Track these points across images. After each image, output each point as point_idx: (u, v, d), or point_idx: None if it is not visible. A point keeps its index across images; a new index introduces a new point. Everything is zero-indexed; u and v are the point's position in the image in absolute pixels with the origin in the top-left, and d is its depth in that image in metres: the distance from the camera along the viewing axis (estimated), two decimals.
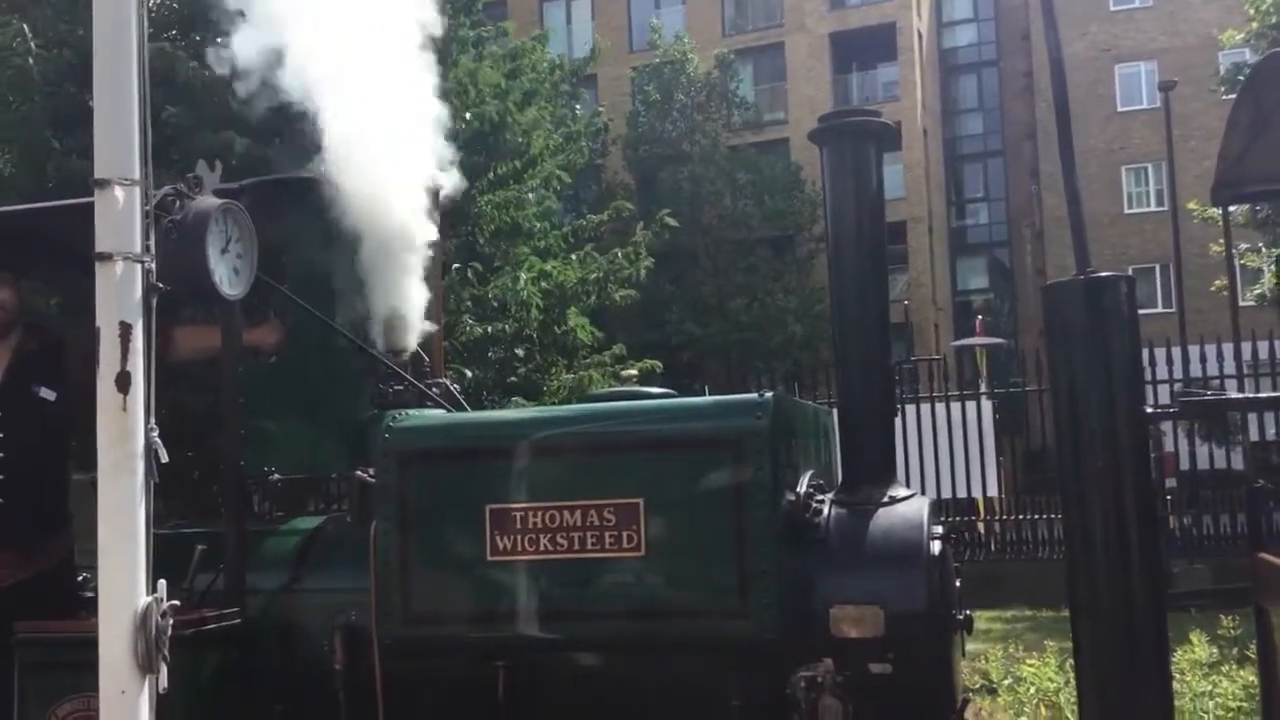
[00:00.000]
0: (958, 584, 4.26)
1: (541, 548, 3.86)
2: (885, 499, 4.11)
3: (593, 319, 15.60)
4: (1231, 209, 17.42)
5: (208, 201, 3.28)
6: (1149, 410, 2.48)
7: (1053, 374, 2.56)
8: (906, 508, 4.09)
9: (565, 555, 3.84)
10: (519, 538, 3.88)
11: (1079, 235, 2.59)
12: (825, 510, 4.05)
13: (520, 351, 14.13)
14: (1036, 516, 16.01)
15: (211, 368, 4.50)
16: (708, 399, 4.31)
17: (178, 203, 3.22)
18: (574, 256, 15.22)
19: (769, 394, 3.92)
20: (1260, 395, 4.76)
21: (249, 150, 10.40)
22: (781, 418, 3.88)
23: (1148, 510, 2.45)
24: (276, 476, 4.69)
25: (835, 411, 4.42)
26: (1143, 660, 2.39)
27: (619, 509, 3.81)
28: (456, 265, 12.53)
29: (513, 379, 14.08)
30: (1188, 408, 2.61)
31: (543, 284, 14.11)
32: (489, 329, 13.21)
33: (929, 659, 3.83)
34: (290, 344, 4.78)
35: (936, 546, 3.98)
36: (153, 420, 2.76)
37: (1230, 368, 12.81)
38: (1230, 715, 6.12)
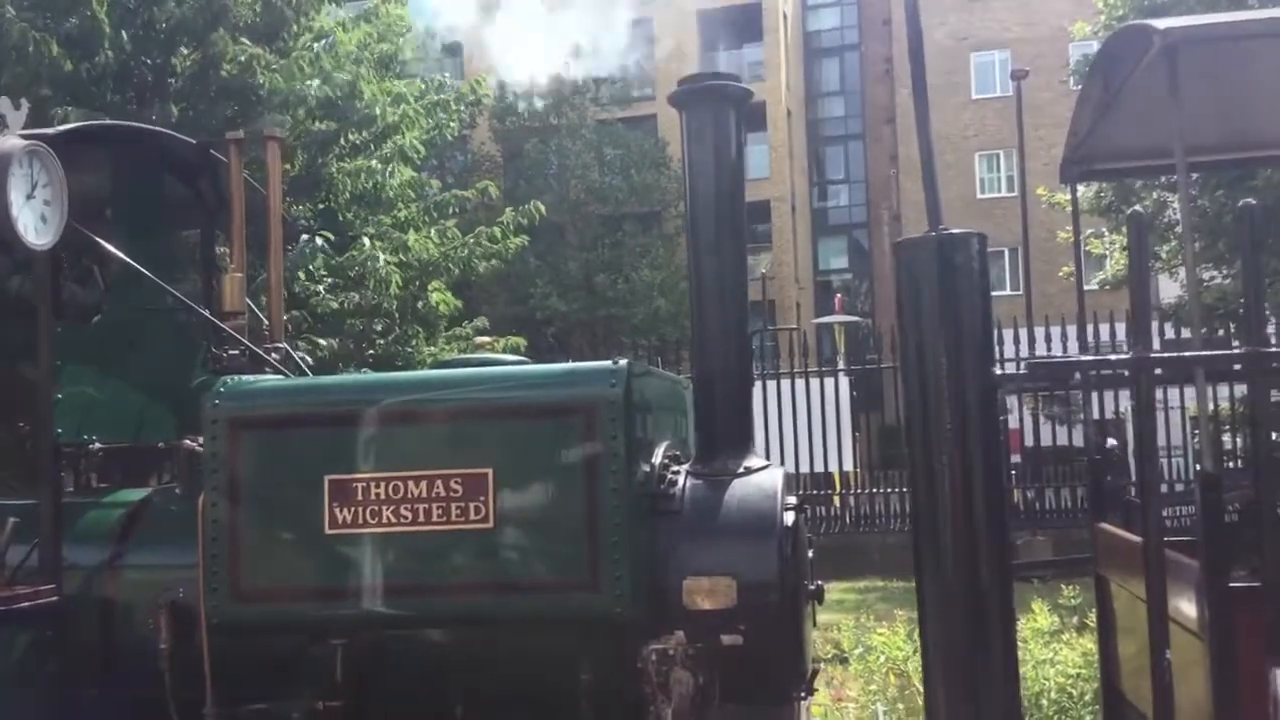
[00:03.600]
0: (810, 555, 4.24)
1: (385, 520, 3.68)
2: (740, 470, 4.05)
3: (455, 292, 15.27)
4: (1078, 191, 18.07)
5: (10, 142, 3.00)
6: (998, 374, 2.45)
7: (902, 332, 2.51)
8: (761, 479, 4.04)
9: (410, 528, 3.67)
10: (360, 510, 3.69)
11: (931, 191, 2.55)
12: (680, 481, 3.97)
13: (379, 325, 13.75)
14: (890, 490, 16.44)
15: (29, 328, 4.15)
16: (559, 366, 4.17)
17: None
18: (433, 231, 14.81)
19: (622, 362, 3.80)
20: (1106, 357, 4.89)
21: (88, 115, 9.83)
22: (635, 387, 3.77)
23: (995, 473, 2.43)
24: (98, 445, 4.38)
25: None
26: (987, 628, 2.37)
27: (467, 480, 3.65)
28: (306, 236, 12.09)
29: (371, 351, 13.69)
30: (1036, 369, 2.60)
31: (401, 256, 13.73)
32: (345, 301, 12.80)
33: (780, 630, 3.80)
34: (114, 302, 4.46)
35: (790, 517, 3.94)
36: None
37: (1074, 348, 13.30)
38: (1070, 681, 6.32)
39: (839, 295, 30.63)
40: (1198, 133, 3.92)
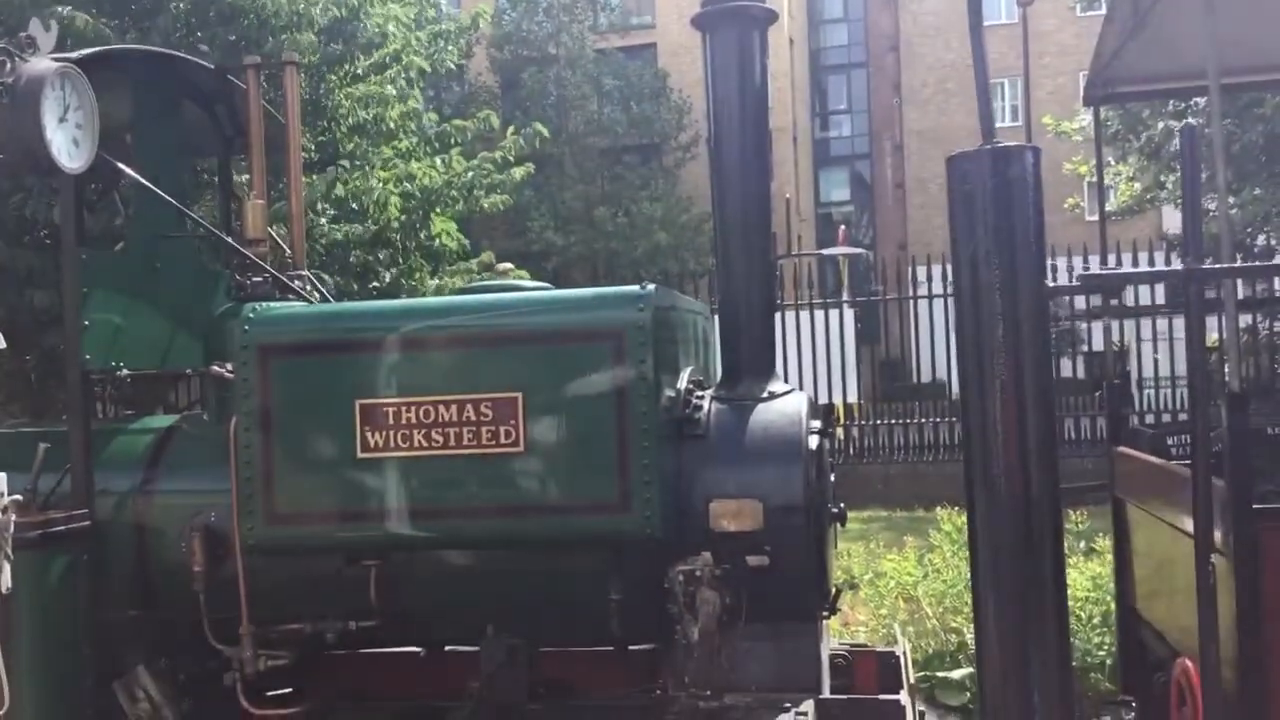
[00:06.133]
0: (833, 478, 4.29)
1: (416, 444, 3.71)
2: (765, 394, 4.09)
3: (457, 225, 15.17)
4: (1084, 123, 17.95)
5: (43, 64, 2.98)
6: (1050, 285, 2.46)
7: (955, 247, 2.53)
8: (785, 403, 4.08)
9: (441, 451, 3.70)
10: (392, 434, 3.72)
11: (984, 104, 2.54)
12: (705, 405, 4.01)
13: (383, 256, 13.67)
14: (893, 422, 16.54)
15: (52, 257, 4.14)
16: (587, 290, 4.17)
17: (8, 64, 2.92)
18: (439, 160, 14.68)
19: (650, 286, 3.81)
20: (1158, 269, 4.89)
21: (92, 29, 9.69)
22: (662, 311, 3.79)
23: (1045, 384, 2.45)
24: (125, 372, 4.40)
25: (713, 311, 4.36)
26: (1039, 537, 2.41)
27: (497, 404, 3.68)
28: (307, 161, 11.97)
29: (375, 284, 13.64)
30: (1088, 281, 2.62)
31: (405, 185, 13.63)
32: (347, 231, 12.72)
33: (804, 551, 3.85)
34: (136, 229, 4.45)
35: (814, 441, 3.99)
36: None
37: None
38: (1079, 604, 6.42)
39: (842, 227, 30.45)
40: (1231, 54, 3.89)
